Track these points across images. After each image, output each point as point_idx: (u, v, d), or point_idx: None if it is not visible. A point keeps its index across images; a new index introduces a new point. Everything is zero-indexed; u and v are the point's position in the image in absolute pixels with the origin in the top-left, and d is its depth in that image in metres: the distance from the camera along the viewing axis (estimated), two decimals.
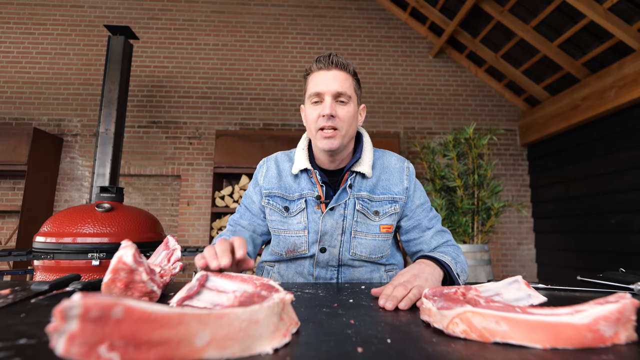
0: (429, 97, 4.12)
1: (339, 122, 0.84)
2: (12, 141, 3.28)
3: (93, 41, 3.93)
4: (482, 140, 2.94)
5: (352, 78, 0.88)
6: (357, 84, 0.91)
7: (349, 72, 0.87)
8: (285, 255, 0.93)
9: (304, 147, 0.95)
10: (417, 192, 0.96)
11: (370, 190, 0.91)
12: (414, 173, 0.98)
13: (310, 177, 0.92)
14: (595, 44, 2.95)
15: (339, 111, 0.84)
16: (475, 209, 2.91)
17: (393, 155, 0.98)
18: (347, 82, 0.86)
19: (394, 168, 0.95)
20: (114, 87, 2.70)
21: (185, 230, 3.71)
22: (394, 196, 0.92)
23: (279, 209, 0.93)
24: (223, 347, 0.32)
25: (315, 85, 0.86)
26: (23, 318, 0.46)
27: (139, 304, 0.29)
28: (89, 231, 1.76)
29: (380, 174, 0.94)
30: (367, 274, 0.93)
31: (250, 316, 0.35)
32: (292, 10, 4.16)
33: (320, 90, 0.84)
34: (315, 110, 0.86)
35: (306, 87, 0.90)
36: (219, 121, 3.91)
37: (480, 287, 0.58)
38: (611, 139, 3.02)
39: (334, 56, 0.86)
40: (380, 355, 0.35)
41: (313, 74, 0.88)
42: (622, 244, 2.86)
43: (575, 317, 0.37)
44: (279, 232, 0.93)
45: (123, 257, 0.53)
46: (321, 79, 0.85)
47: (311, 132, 0.89)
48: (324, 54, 0.88)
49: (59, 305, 0.26)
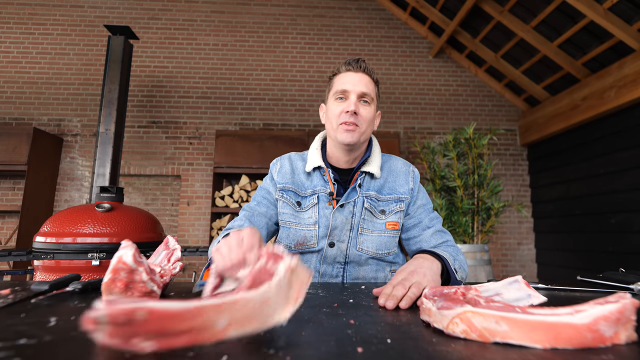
0: (429, 97, 4.12)
1: (360, 120, 0.90)
2: (12, 141, 3.28)
3: (93, 41, 3.93)
4: (482, 140, 2.94)
5: (375, 86, 0.96)
6: (378, 92, 0.98)
7: (373, 80, 0.95)
8: (294, 248, 0.95)
9: (317, 147, 1.01)
10: (420, 194, 1.01)
11: (377, 190, 0.96)
12: (419, 177, 1.03)
13: (323, 175, 0.97)
14: (595, 44, 2.95)
15: (362, 110, 0.91)
16: (475, 209, 2.91)
17: (399, 160, 1.04)
18: (371, 86, 0.93)
19: (400, 171, 1.00)
20: (114, 87, 2.70)
21: (185, 230, 3.71)
22: (400, 196, 0.96)
23: (292, 203, 0.97)
24: (242, 327, 0.36)
25: (342, 84, 0.92)
26: (23, 318, 0.46)
27: (158, 304, 0.32)
28: (89, 231, 1.76)
29: (388, 175, 0.99)
30: (372, 273, 0.95)
31: (261, 297, 0.37)
32: (292, 10, 4.16)
33: (347, 88, 0.90)
34: (339, 106, 0.91)
35: (331, 86, 0.96)
36: (219, 121, 3.91)
37: (480, 287, 0.58)
38: (611, 139, 3.02)
39: (362, 62, 0.93)
40: (380, 355, 0.35)
41: (341, 74, 0.94)
42: (622, 244, 2.86)
43: (575, 317, 0.37)
44: (290, 225, 0.96)
45: (123, 257, 0.53)
46: (349, 78, 0.92)
47: (332, 126, 0.93)
48: (353, 58, 0.94)
49: (86, 316, 0.29)
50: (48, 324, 0.43)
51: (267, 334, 0.41)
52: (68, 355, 0.34)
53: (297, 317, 0.48)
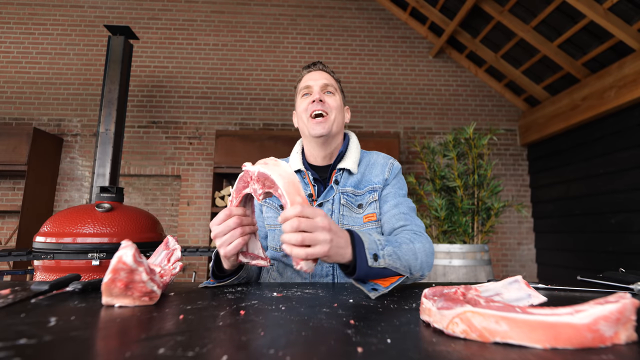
0: (429, 97, 4.12)
1: (328, 107, 0.94)
2: (12, 141, 3.28)
3: (93, 41, 3.93)
4: (482, 140, 2.94)
5: (337, 82, 1.01)
6: (341, 89, 1.04)
7: (334, 77, 1.01)
8: (280, 249, 0.95)
9: (298, 151, 1.04)
10: (394, 181, 0.98)
11: (354, 185, 0.96)
12: (399, 169, 1.01)
13: (304, 178, 0.99)
14: (595, 44, 2.95)
15: (327, 99, 0.95)
16: (475, 209, 2.91)
17: (380, 154, 1.03)
18: (332, 80, 0.99)
19: (379, 164, 1.00)
20: (114, 87, 2.70)
21: (185, 230, 3.71)
22: (374, 186, 0.96)
23: (275, 207, 0.98)
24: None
25: (304, 82, 0.98)
26: (23, 318, 0.46)
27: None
28: (89, 231, 1.76)
29: (365, 169, 0.99)
30: None
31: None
32: (292, 10, 4.16)
33: (309, 83, 0.96)
34: (305, 101, 0.96)
35: (297, 90, 1.02)
36: (219, 121, 3.91)
37: (480, 287, 0.58)
38: (611, 139, 3.02)
39: (319, 63, 1.01)
40: (380, 355, 0.35)
41: (303, 78, 1.00)
42: (622, 244, 2.86)
43: (575, 317, 0.36)
44: (275, 227, 0.98)
45: (123, 257, 0.53)
46: (309, 76, 0.98)
47: (303, 123, 0.96)
48: (312, 62, 1.02)
49: None
50: (48, 324, 0.43)
51: (267, 333, 0.41)
52: (68, 355, 0.34)
53: (297, 317, 0.48)
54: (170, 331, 0.41)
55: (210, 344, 0.36)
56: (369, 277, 0.67)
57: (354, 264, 0.64)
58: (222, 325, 0.44)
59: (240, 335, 0.41)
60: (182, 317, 0.47)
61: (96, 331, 0.41)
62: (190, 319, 0.47)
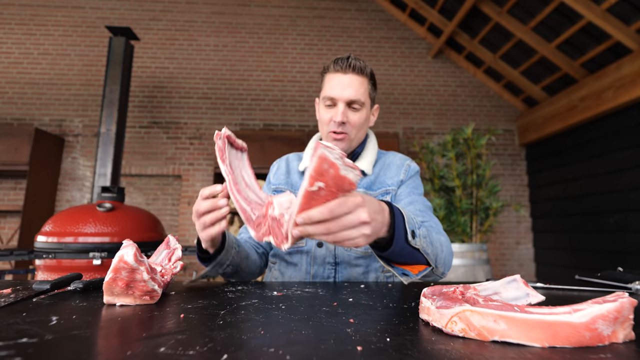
0: (428, 97, 4.13)
1: (349, 128, 0.88)
2: (13, 141, 3.29)
3: (94, 42, 3.94)
4: (480, 141, 2.94)
5: (369, 82, 0.90)
6: (373, 87, 0.92)
7: (365, 76, 0.88)
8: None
9: (312, 147, 0.99)
10: (410, 181, 0.93)
11: (367, 187, 0.93)
12: (415, 170, 0.96)
13: None
14: (593, 45, 2.96)
15: (351, 117, 0.87)
16: (474, 209, 2.92)
17: (397, 155, 0.99)
18: (362, 88, 0.87)
19: (394, 165, 0.96)
20: (115, 87, 2.70)
21: (185, 230, 3.71)
22: (387, 188, 0.92)
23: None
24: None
25: (330, 89, 0.87)
26: (24, 317, 0.46)
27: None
28: (90, 231, 1.76)
29: (380, 170, 0.95)
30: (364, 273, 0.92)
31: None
32: (292, 11, 4.16)
33: (334, 96, 0.87)
34: (327, 113, 0.89)
35: (322, 85, 0.92)
36: (220, 121, 3.91)
37: (478, 286, 0.58)
38: (609, 139, 3.02)
39: (352, 59, 0.87)
40: (379, 353, 0.35)
41: (329, 75, 0.89)
42: (620, 244, 2.87)
43: (573, 316, 0.37)
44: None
45: (124, 256, 0.53)
46: (337, 82, 0.87)
47: (322, 130, 0.93)
48: (343, 56, 0.88)
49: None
50: (49, 323, 0.44)
51: (267, 332, 0.42)
52: (69, 354, 0.34)
53: (297, 316, 0.49)
54: (171, 330, 0.41)
55: (210, 343, 0.37)
56: (398, 258, 0.62)
57: (390, 237, 0.58)
58: (222, 324, 0.44)
59: (240, 334, 0.41)
60: (182, 316, 0.48)
61: (97, 330, 0.42)
62: (190, 317, 0.47)
